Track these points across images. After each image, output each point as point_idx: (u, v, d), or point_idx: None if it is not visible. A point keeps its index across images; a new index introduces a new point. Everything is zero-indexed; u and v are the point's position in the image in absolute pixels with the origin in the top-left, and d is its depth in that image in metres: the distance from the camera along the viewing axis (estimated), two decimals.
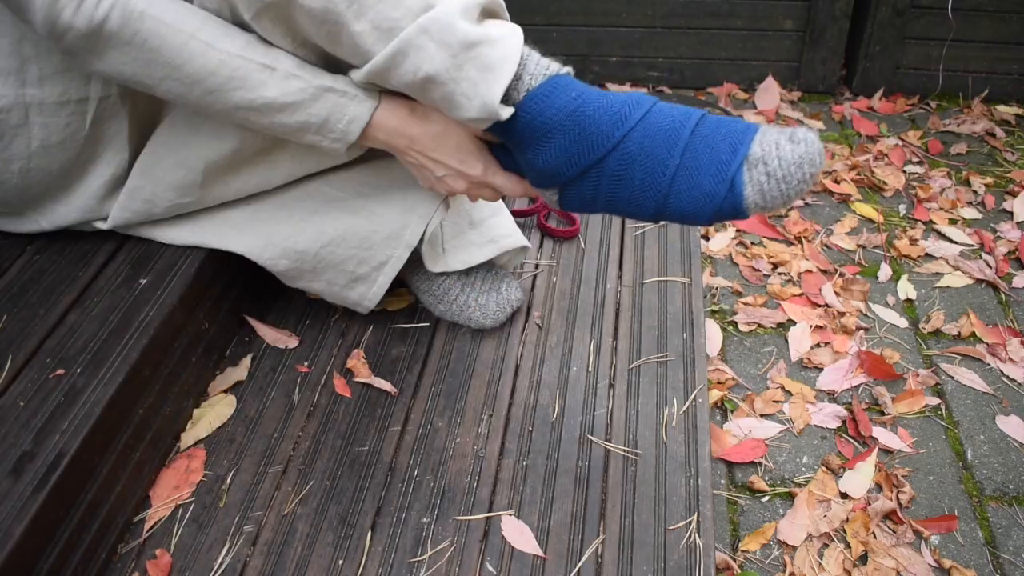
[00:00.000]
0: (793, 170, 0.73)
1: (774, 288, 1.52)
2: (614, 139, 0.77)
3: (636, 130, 0.77)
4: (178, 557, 0.88)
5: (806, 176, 0.73)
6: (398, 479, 0.96)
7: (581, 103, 0.78)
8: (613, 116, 0.78)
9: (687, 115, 0.78)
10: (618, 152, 0.78)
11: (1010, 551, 1.09)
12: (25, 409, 0.83)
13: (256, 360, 1.11)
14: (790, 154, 0.73)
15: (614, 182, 0.79)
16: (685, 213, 0.78)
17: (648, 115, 0.78)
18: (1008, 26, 2.02)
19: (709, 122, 0.77)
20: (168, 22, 0.77)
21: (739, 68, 2.20)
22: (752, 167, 0.74)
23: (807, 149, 0.73)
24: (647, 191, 0.78)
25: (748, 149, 0.74)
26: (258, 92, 0.80)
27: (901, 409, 1.29)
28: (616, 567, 0.87)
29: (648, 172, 0.77)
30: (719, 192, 0.75)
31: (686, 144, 0.76)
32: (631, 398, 1.06)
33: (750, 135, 0.75)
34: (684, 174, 0.76)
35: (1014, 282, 1.54)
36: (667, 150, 0.76)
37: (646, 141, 0.77)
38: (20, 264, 1.00)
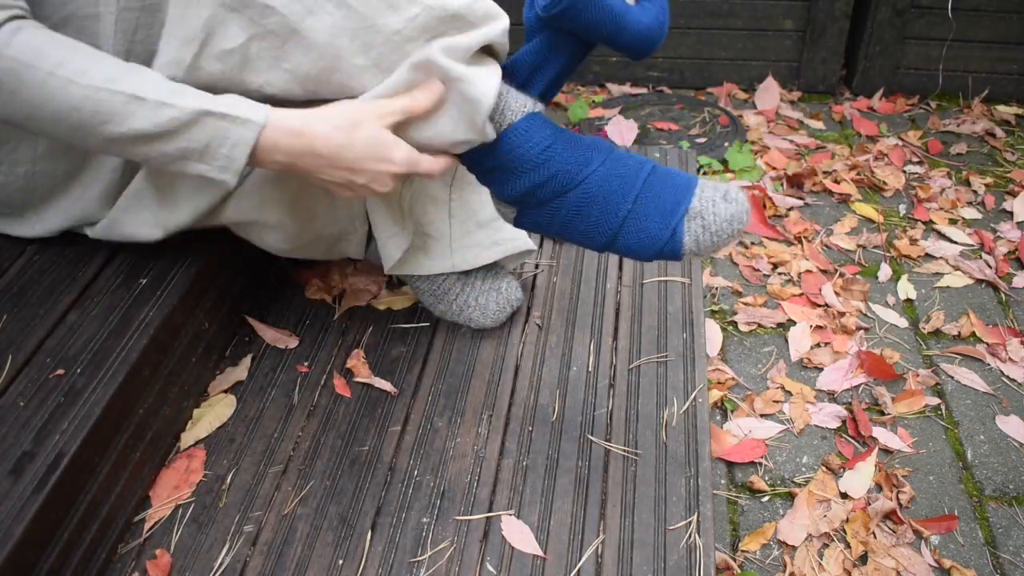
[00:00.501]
0: (725, 226, 0.84)
1: (774, 288, 1.52)
2: (578, 179, 0.86)
3: (597, 173, 0.86)
4: (178, 557, 0.88)
5: (734, 231, 0.85)
6: (398, 479, 0.96)
7: (553, 141, 0.85)
8: (579, 158, 0.86)
9: (641, 164, 0.87)
10: (579, 191, 0.86)
11: (1010, 551, 1.09)
12: (25, 409, 0.83)
13: (256, 360, 1.11)
14: (723, 211, 0.84)
15: (571, 215, 0.87)
16: (630, 250, 0.87)
17: (607, 160, 0.86)
18: (1008, 26, 2.02)
19: (658, 173, 0.87)
20: (25, 61, 0.73)
21: (739, 68, 2.20)
22: (691, 219, 0.85)
23: (737, 208, 0.84)
24: (600, 228, 0.87)
25: (689, 203, 0.85)
26: (128, 124, 0.76)
27: (901, 409, 1.29)
28: (616, 567, 0.87)
29: (603, 212, 0.86)
30: (662, 237, 0.85)
31: (639, 192, 0.85)
32: (631, 398, 1.06)
33: (691, 191, 0.86)
34: (634, 218, 0.86)
35: (1014, 282, 1.54)
36: (622, 195, 0.85)
37: (605, 184, 0.86)
38: (20, 264, 1.00)
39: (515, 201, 0.89)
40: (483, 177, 0.90)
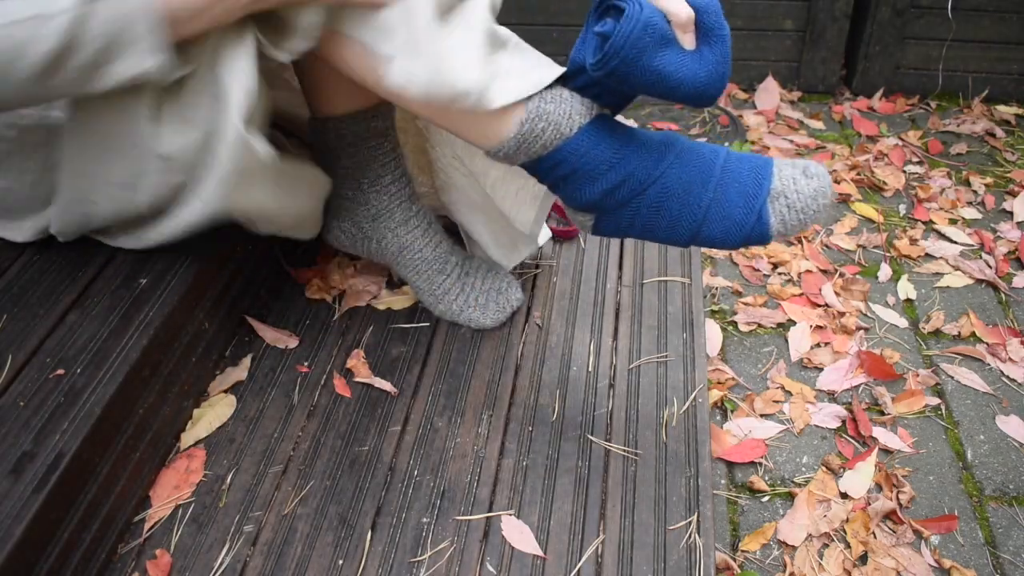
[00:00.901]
0: (809, 202, 0.82)
1: (774, 288, 1.52)
2: (655, 175, 0.84)
3: (673, 167, 0.84)
4: (178, 557, 0.88)
5: (820, 207, 0.83)
6: (398, 479, 0.96)
7: (627, 140, 0.84)
8: (653, 154, 0.84)
9: (715, 152, 0.85)
10: (657, 186, 0.84)
11: (1010, 551, 1.09)
12: (25, 409, 0.83)
13: (256, 360, 1.11)
14: (806, 188, 0.82)
15: (652, 213, 0.86)
16: (716, 239, 0.85)
17: (682, 152, 0.85)
18: (1008, 26, 2.02)
19: (733, 158, 0.85)
20: None
21: (739, 68, 2.20)
22: (775, 200, 0.83)
23: (820, 183, 0.82)
24: (683, 221, 0.85)
25: (770, 184, 0.83)
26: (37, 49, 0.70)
27: (901, 409, 1.29)
28: (616, 567, 0.87)
29: (684, 205, 0.84)
30: (748, 222, 0.83)
31: (718, 180, 0.84)
32: (631, 398, 1.06)
33: (770, 171, 0.84)
34: (716, 206, 0.84)
35: (1014, 282, 1.54)
36: (701, 185, 0.84)
37: (682, 176, 0.84)
38: (20, 264, 1.00)
39: (592, 207, 0.87)
40: (556, 187, 0.89)
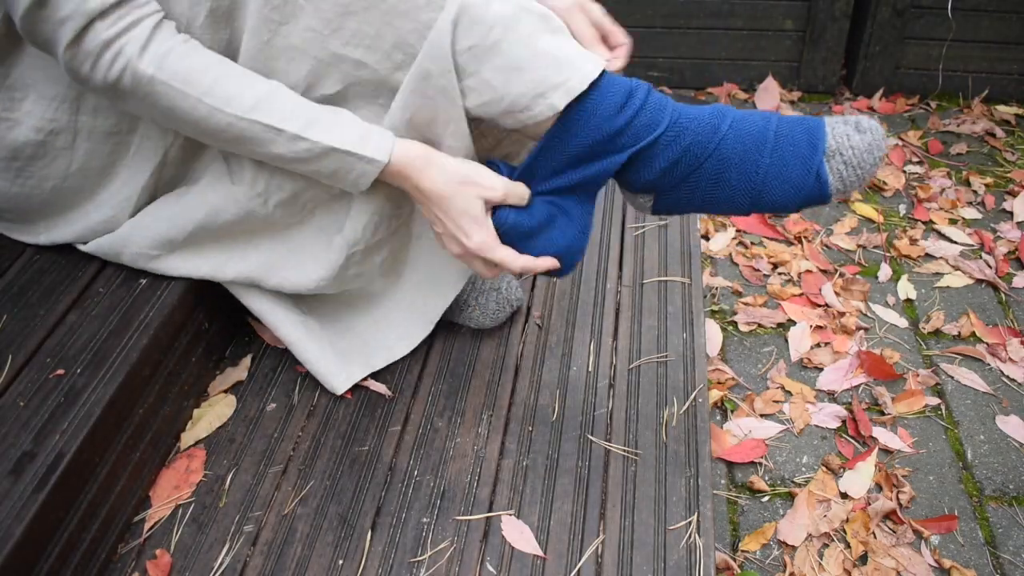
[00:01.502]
0: (865, 156, 0.83)
1: (774, 288, 1.52)
2: (711, 147, 0.84)
3: (728, 136, 0.84)
4: (178, 557, 0.88)
5: (876, 160, 0.83)
6: (398, 479, 0.96)
7: (678, 115, 0.84)
8: (707, 125, 0.84)
9: (766, 119, 0.86)
10: (715, 158, 0.85)
11: (1010, 551, 1.09)
12: (25, 409, 0.83)
13: (256, 360, 1.11)
14: (860, 143, 0.83)
15: (711, 185, 0.86)
16: (776, 204, 0.86)
17: (734, 121, 0.85)
18: (1008, 26, 2.02)
19: (785, 122, 0.85)
20: (176, 86, 0.80)
21: (739, 68, 2.20)
22: (831, 159, 0.84)
23: (873, 137, 0.83)
24: (743, 189, 0.85)
25: (825, 143, 0.84)
26: (267, 149, 0.83)
27: (901, 409, 1.29)
28: (616, 567, 0.87)
29: (743, 173, 0.85)
30: (807, 183, 0.84)
31: (773, 144, 0.84)
32: (631, 398, 1.06)
33: (823, 129, 0.84)
34: (775, 171, 0.84)
35: (1014, 282, 1.54)
36: (757, 151, 0.84)
37: (738, 145, 0.84)
38: (20, 264, 1.00)
39: (651, 186, 0.88)
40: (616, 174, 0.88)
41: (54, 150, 0.91)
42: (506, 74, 0.80)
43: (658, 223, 1.35)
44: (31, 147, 0.90)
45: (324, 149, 0.83)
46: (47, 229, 1.00)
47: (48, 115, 0.89)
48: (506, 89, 0.81)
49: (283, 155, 0.84)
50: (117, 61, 0.78)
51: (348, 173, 0.85)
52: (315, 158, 0.84)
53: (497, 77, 0.80)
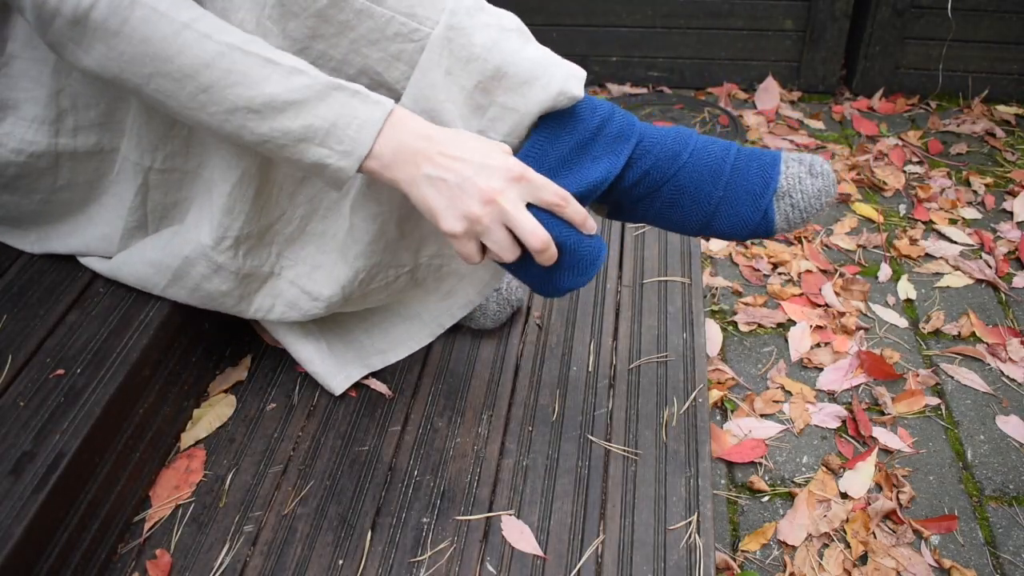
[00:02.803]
0: (813, 201, 0.86)
1: (774, 288, 1.52)
2: (669, 173, 0.86)
3: (687, 165, 0.86)
4: (178, 557, 0.88)
5: (823, 205, 0.87)
6: (398, 479, 0.96)
7: (642, 137, 0.86)
8: (668, 152, 0.86)
9: (726, 149, 0.88)
10: (671, 184, 0.87)
11: (1010, 551, 1.09)
12: (25, 409, 0.83)
13: (256, 360, 1.11)
14: (810, 187, 0.86)
15: (665, 208, 0.88)
16: (723, 233, 0.89)
17: (695, 150, 0.87)
18: (1008, 26, 2.02)
19: (743, 155, 0.88)
20: (160, 10, 0.71)
21: (739, 68, 2.20)
22: (780, 199, 0.87)
23: (824, 183, 0.86)
24: (693, 217, 0.88)
25: (776, 184, 0.86)
26: (259, 88, 0.72)
27: (901, 409, 1.29)
28: (616, 567, 0.87)
29: (696, 201, 0.87)
30: (754, 220, 0.87)
31: (727, 179, 0.87)
32: (631, 398, 1.06)
33: (776, 169, 0.87)
34: (725, 204, 0.87)
35: (1014, 282, 1.54)
36: (712, 183, 0.86)
37: (695, 175, 0.86)
38: (20, 264, 1.00)
39: (608, 201, 0.89)
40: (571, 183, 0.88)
41: (37, 171, 0.91)
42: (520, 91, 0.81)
43: None
44: (14, 167, 0.90)
45: (325, 85, 0.73)
46: (39, 239, 1.00)
47: (28, 137, 0.88)
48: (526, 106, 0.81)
49: (275, 95, 0.72)
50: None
51: (348, 124, 0.74)
52: (313, 99, 0.73)
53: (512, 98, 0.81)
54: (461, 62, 0.79)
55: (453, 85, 0.80)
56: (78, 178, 0.93)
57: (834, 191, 0.86)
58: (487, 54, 0.80)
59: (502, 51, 0.80)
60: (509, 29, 0.82)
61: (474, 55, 0.79)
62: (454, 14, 0.78)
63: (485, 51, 0.79)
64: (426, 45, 0.79)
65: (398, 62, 0.80)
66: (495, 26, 0.80)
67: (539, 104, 0.81)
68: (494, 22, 0.81)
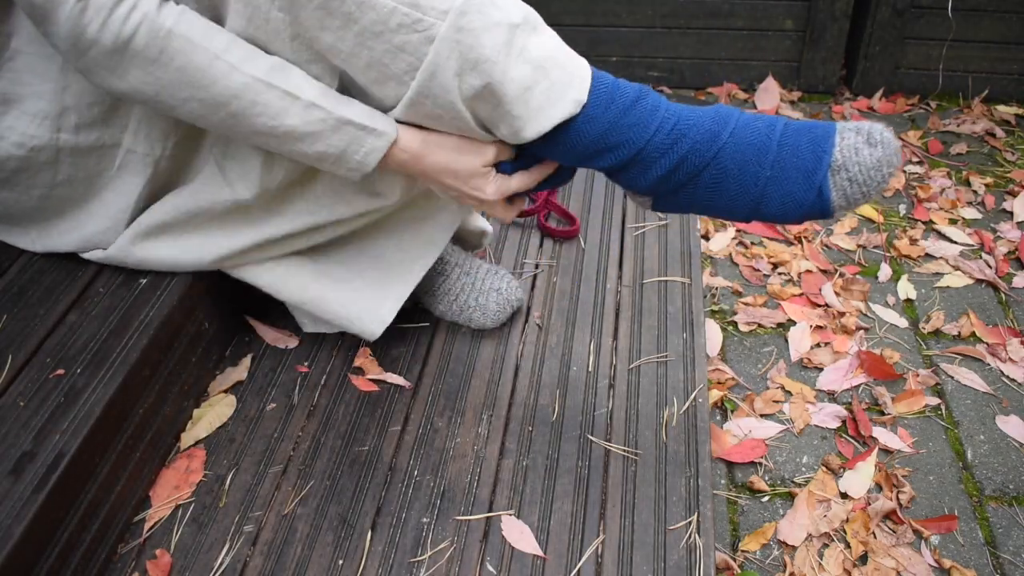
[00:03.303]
0: (873, 173, 0.78)
1: (774, 288, 1.52)
2: (709, 156, 0.81)
3: (728, 145, 0.81)
4: (178, 557, 0.88)
5: (884, 177, 0.79)
6: (398, 479, 0.96)
7: (677, 120, 0.82)
8: (707, 133, 0.81)
9: (771, 126, 0.82)
10: (713, 168, 0.82)
11: (1010, 551, 1.09)
12: (25, 409, 0.83)
13: (256, 360, 1.11)
14: (868, 159, 0.78)
15: (709, 193, 0.83)
16: (775, 216, 0.83)
17: (736, 129, 0.81)
18: (1008, 26, 2.02)
19: (791, 130, 0.81)
20: (195, 41, 0.76)
21: (739, 68, 2.20)
22: (835, 173, 0.79)
23: (884, 151, 0.78)
24: (740, 200, 0.83)
25: (831, 157, 0.79)
26: (280, 120, 0.80)
27: (901, 409, 1.29)
28: (616, 567, 0.87)
29: (741, 184, 0.82)
30: (808, 199, 0.80)
31: (775, 157, 0.80)
32: (631, 398, 1.06)
33: (830, 141, 0.80)
34: (775, 184, 0.81)
35: (1014, 282, 1.54)
36: (758, 163, 0.81)
37: (738, 155, 0.81)
38: (20, 264, 1.00)
39: (648, 191, 0.86)
40: (612, 175, 0.87)
41: (37, 164, 0.91)
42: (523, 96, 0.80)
43: (658, 223, 1.35)
44: (14, 161, 0.90)
45: (338, 120, 0.81)
46: (40, 236, 1.00)
47: (30, 131, 0.89)
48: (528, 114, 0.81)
49: (294, 128, 0.81)
50: (134, 14, 0.73)
51: (358, 150, 0.83)
52: (327, 132, 0.82)
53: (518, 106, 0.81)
54: (470, 63, 0.78)
55: (464, 85, 0.79)
56: (78, 173, 0.93)
57: (897, 160, 0.79)
58: (496, 56, 0.78)
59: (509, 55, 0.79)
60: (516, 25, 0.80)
61: (483, 57, 0.78)
62: (463, 14, 0.77)
63: (494, 53, 0.78)
64: (434, 36, 0.78)
65: (403, 53, 0.79)
66: (504, 24, 0.78)
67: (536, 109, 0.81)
68: (504, 19, 0.78)
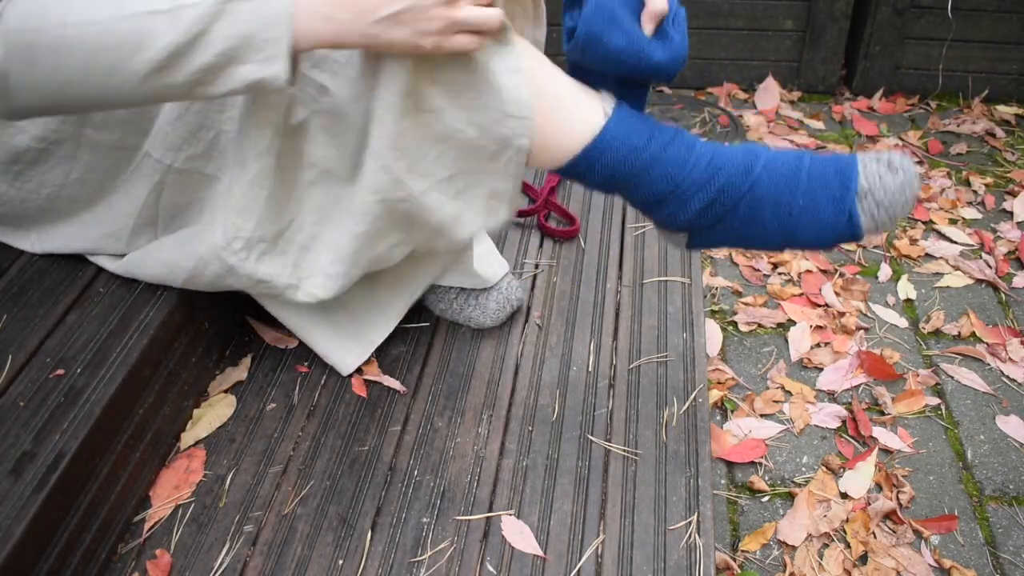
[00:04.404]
0: (897, 196, 0.83)
1: (774, 288, 1.52)
2: (745, 188, 0.85)
3: (762, 177, 0.85)
4: (178, 557, 0.88)
5: (909, 200, 0.83)
6: (398, 479, 0.96)
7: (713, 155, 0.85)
8: (740, 167, 0.85)
9: (799, 158, 0.87)
10: (749, 198, 0.85)
11: (1010, 551, 1.09)
12: (25, 409, 0.83)
13: (256, 360, 1.11)
14: (892, 183, 0.82)
15: (745, 224, 0.87)
16: (809, 243, 0.87)
17: (768, 161, 0.86)
18: (1008, 26, 2.02)
19: (817, 161, 0.86)
20: (33, 26, 0.69)
21: (739, 68, 2.20)
22: (863, 199, 0.84)
23: (906, 176, 0.82)
24: (775, 230, 0.86)
25: (857, 184, 0.84)
26: (154, 43, 0.69)
27: (901, 409, 1.29)
28: (616, 567, 0.87)
29: (776, 213, 0.85)
30: (840, 224, 0.84)
31: (806, 185, 0.85)
32: (631, 398, 1.06)
33: (855, 169, 0.84)
34: (807, 212, 0.85)
35: (1014, 282, 1.54)
36: (790, 192, 0.85)
37: (772, 187, 0.85)
38: (20, 264, 1.00)
39: (686, 226, 0.89)
40: (649, 211, 0.90)
41: (55, 157, 0.91)
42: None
43: None
44: (33, 152, 0.90)
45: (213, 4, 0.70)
46: (40, 239, 1.00)
47: (53, 125, 0.89)
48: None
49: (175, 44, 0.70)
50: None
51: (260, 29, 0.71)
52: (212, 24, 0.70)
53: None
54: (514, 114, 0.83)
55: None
56: (92, 173, 0.93)
57: (918, 185, 0.83)
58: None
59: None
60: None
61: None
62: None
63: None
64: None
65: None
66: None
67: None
68: None
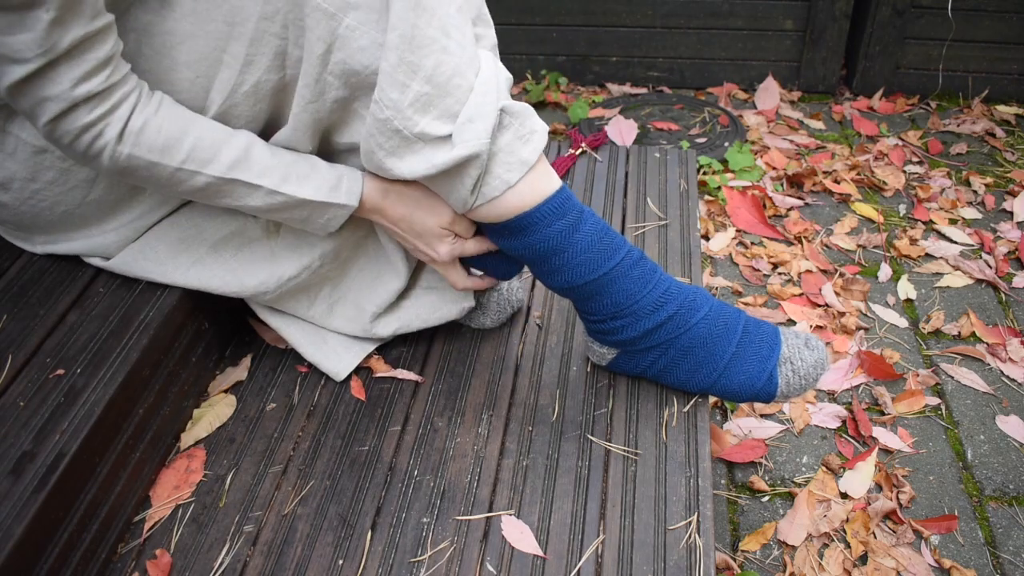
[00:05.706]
0: (811, 370, 0.92)
1: (774, 288, 1.52)
2: (691, 321, 0.91)
3: (707, 316, 0.92)
4: (178, 557, 0.88)
5: (817, 375, 0.92)
6: (398, 479, 0.96)
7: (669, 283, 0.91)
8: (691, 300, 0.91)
9: (738, 313, 0.94)
10: (691, 333, 0.92)
11: (1010, 551, 1.09)
12: (25, 409, 0.83)
13: (256, 360, 1.11)
14: (808, 358, 0.92)
15: (679, 356, 0.93)
16: (728, 392, 0.93)
17: (714, 308, 0.92)
18: (1008, 26, 2.02)
19: (752, 321, 0.94)
20: (154, 159, 0.81)
21: (739, 68, 2.20)
22: (783, 364, 0.92)
23: (819, 355, 0.92)
24: (704, 369, 0.93)
25: (780, 349, 0.92)
26: (243, 202, 0.88)
27: (901, 409, 1.29)
28: (616, 567, 0.87)
29: (710, 354, 0.92)
30: (760, 380, 0.92)
31: (740, 336, 0.92)
32: (631, 398, 1.06)
33: (779, 337, 0.93)
34: (737, 361, 0.92)
35: (1014, 282, 1.54)
36: (727, 339, 0.92)
37: (713, 329, 0.92)
38: (20, 264, 1.00)
39: (622, 344, 0.94)
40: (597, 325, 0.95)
41: (75, 179, 0.91)
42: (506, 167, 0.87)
43: (658, 223, 1.35)
44: (53, 172, 0.90)
45: (298, 201, 0.88)
46: (44, 244, 1.00)
47: None
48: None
49: (259, 207, 0.88)
50: (96, 143, 0.78)
51: (320, 218, 0.91)
52: (289, 208, 0.89)
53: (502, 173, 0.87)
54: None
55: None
56: (109, 196, 0.93)
57: (828, 364, 0.93)
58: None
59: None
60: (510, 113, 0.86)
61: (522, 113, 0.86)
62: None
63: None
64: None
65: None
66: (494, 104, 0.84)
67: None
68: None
